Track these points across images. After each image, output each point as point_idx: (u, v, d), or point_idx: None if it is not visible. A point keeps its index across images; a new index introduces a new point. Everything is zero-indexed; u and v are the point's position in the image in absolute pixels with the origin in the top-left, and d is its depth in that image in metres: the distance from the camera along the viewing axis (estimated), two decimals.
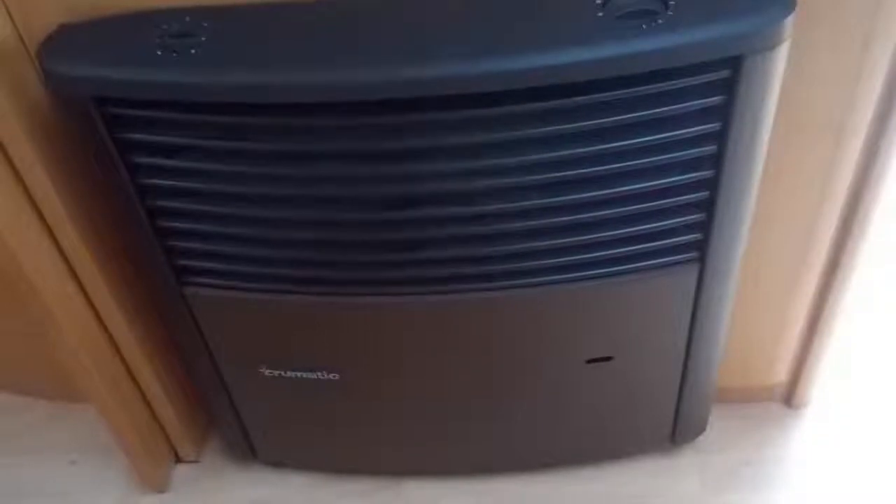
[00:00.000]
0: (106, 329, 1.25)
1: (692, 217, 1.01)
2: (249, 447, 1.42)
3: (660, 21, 0.84)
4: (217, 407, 1.35)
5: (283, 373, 1.22)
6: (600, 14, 0.86)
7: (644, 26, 0.84)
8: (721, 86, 0.89)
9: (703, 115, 0.91)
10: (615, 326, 1.16)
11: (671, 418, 1.33)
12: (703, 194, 0.99)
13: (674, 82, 0.87)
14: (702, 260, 1.06)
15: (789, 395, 1.46)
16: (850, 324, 1.35)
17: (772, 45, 0.86)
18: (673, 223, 1.01)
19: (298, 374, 1.22)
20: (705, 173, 0.96)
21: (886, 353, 1.55)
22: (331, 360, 1.20)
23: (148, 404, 1.38)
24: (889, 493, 1.35)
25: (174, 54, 0.89)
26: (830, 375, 1.44)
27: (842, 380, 1.49)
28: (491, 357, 1.19)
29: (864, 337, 1.56)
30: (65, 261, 1.14)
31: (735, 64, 0.87)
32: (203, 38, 0.91)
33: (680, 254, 1.05)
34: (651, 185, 0.96)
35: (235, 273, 1.08)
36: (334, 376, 1.22)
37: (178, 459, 1.50)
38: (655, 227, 1.00)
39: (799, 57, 0.95)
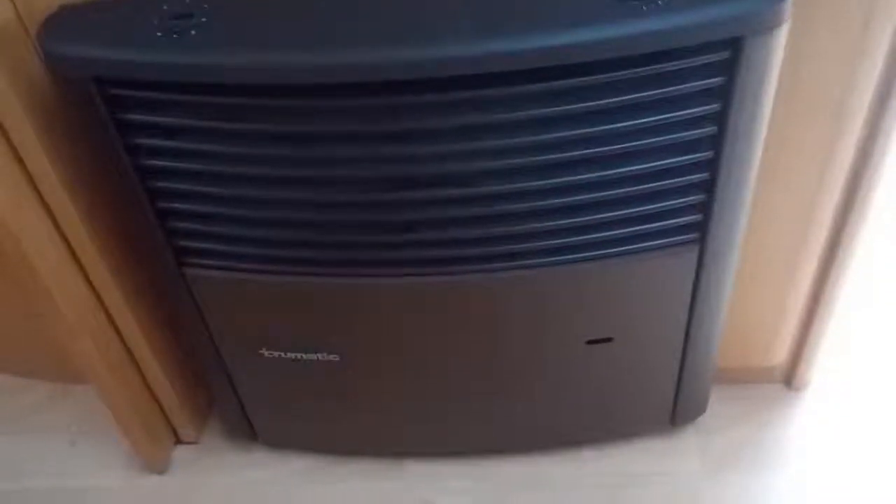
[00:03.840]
0: (106, 310, 1.25)
1: (692, 198, 1.01)
2: (250, 428, 1.43)
3: (660, 2, 0.84)
4: (217, 388, 1.35)
5: (283, 354, 1.23)
6: None
7: (644, 7, 0.84)
8: (721, 67, 0.89)
9: (703, 96, 0.91)
10: (615, 308, 1.16)
11: (671, 399, 1.33)
12: (703, 175, 0.99)
13: (674, 63, 0.87)
14: (702, 241, 1.06)
15: (789, 377, 1.47)
16: (850, 305, 1.35)
17: (772, 26, 0.86)
18: (673, 204, 1.01)
19: (299, 355, 1.22)
20: (705, 154, 0.96)
21: (886, 335, 1.56)
22: (331, 342, 1.20)
23: (148, 385, 1.38)
24: (888, 475, 1.36)
25: (174, 35, 0.89)
26: (830, 357, 1.44)
27: (842, 361, 1.49)
28: (491, 338, 1.19)
29: (864, 319, 1.56)
30: (64, 242, 1.14)
31: (735, 45, 0.87)
32: (203, 19, 0.90)
33: (680, 235, 1.05)
34: (651, 167, 0.96)
35: (236, 254, 1.08)
36: (335, 357, 1.22)
37: (178, 440, 1.51)
38: (655, 208, 1.00)
39: (799, 38, 0.95)
